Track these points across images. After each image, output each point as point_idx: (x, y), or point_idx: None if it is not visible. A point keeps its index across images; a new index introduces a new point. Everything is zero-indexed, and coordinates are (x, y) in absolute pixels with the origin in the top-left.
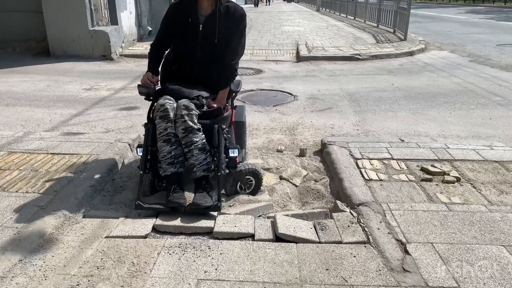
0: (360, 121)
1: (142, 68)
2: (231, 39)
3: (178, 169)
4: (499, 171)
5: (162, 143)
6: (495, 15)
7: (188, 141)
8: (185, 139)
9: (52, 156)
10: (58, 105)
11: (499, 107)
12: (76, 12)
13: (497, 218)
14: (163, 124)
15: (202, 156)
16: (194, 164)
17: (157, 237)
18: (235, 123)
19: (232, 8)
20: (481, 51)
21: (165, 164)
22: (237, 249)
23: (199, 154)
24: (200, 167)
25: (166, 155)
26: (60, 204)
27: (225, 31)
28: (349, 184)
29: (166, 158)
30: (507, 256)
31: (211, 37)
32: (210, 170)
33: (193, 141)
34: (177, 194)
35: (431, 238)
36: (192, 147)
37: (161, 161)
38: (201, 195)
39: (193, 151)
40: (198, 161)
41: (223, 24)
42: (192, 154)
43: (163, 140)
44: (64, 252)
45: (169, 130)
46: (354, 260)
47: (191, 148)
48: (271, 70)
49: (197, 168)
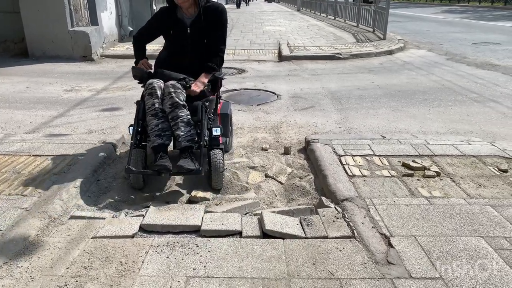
0: (342, 119)
1: (124, 69)
2: (217, 32)
3: (164, 141)
4: (476, 165)
5: (150, 117)
6: (470, 15)
7: (175, 115)
8: (172, 114)
9: (34, 158)
10: (39, 107)
11: (476, 103)
12: (55, 12)
13: (476, 211)
14: (151, 100)
15: (187, 129)
16: (180, 135)
17: (144, 236)
18: (221, 115)
19: (212, 7)
20: (457, 50)
21: (153, 136)
22: (225, 246)
23: (184, 127)
24: (184, 137)
25: (153, 127)
26: (45, 206)
27: (211, 29)
28: (333, 181)
29: (153, 130)
30: (485, 247)
31: (199, 37)
32: (194, 141)
33: (179, 115)
34: (163, 160)
35: (413, 231)
36: (178, 121)
37: (149, 134)
38: (185, 160)
39: (178, 124)
40: (183, 132)
41: (208, 23)
42: (178, 127)
43: (151, 114)
44: (51, 254)
45: (157, 105)
46: (340, 254)
47: (177, 121)
48: (254, 70)
49: (182, 138)
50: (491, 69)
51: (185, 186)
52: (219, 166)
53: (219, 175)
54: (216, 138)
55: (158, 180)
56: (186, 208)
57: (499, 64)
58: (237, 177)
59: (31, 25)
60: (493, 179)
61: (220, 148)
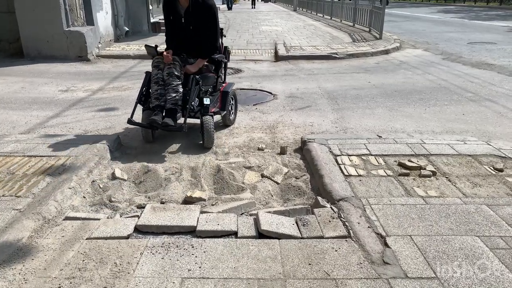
0: (338, 119)
1: (120, 69)
2: (207, 25)
3: (160, 103)
4: (472, 164)
5: (153, 84)
6: (465, 14)
7: (168, 83)
8: (167, 81)
9: (29, 158)
10: (34, 107)
11: (471, 103)
12: (51, 12)
13: (471, 210)
14: (155, 71)
15: (173, 95)
16: (167, 99)
17: (139, 237)
18: (223, 92)
19: (200, 1)
20: (453, 49)
21: (153, 98)
22: (221, 246)
23: (172, 93)
24: (170, 101)
25: (154, 92)
26: (39, 207)
27: (198, 20)
28: (329, 180)
29: (154, 94)
30: (481, 246)
31: (191, 25)
32: (177, 105)
33: (171, 83)
34: (156, 116)
35: (409, 231)
36: (169, 87)
37: (151, 96)
38: (168, 119)
39: (169, 90)
40: (169, 97)
41: (196, 15)
42: (168, 92)
43: (154, 81)
44: (44, 255)
45: (159, 75)
46: (335, 254)
47: (168, 88)
48: (250, 70)
49: (168, 101)
50: (487, 69)
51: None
52: (210, 128)
53: (210, 135)
54: (206, 107)
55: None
56: (182, 209)
57: (494, 63)
58: (233, 177)
59: (26, 25)
60: (489, 178)
61: (210, 114)
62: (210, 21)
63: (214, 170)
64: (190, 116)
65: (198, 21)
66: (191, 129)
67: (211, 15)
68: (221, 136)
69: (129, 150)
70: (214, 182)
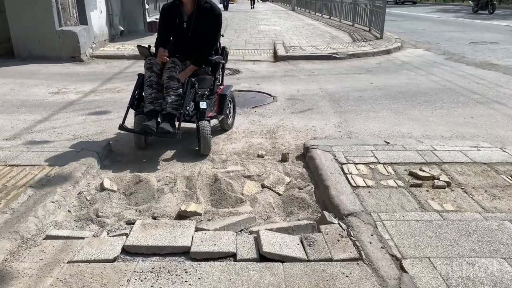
0: (342, 122)
1: (114, 70)
2: (208, 33)
3: (155, 107)
4: (488, 173)
5: (147, 87)
6: (464, 14)
7: (168, 86)
8: (167, 84)
9: (10, 168)
10: (22, 111)
11: (479, 105)
12: (42, 11)
13: (493, 227)
14: (148, 73)
15: (175, 98)
16: (168, 102)
17: (127, 260)
18: (220, 95)
19: (208, 8)
20: (455, 49)
21: (147, 103)
22: (217, 272)
23: (173, 96)
24: (170, 105)
25: (148, 96)
26: (17, 224)
27: (201, 27)
28: (336, 192)
29: (148, 98)
30: (509, 271)
31: (192, 31)
32: (177, 111)
33: (171, 86)
34: (151, 122)
35: (427, 252)
36: (169, 90)
37: (145, 101)
38: (165, 124)
39: (169, 92)
40: (170, 100)
41: (199, 21)
42: (168, 95)
43: (147, 85)
44: (19, 283)
45: (152, 78)
46: (347, 280)
47: (169, 91)
48: (249, 70)
49: (168, 105)
50: (492, 69)
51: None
52: (206, 134)
53: (207, 142)
54: (203, 111)
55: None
56: (175, 225)
57: (499, 63)
58: (231, 187)
59: (17, 25)
60: (508, 190)
61: (206, 119)
62: (213, 29)
63: (211, 180)
64: (185, 120)
65: (200, 27)
66: (187, 133)
67: (215, 24)
68: (218, 141)
69: (120, 157)
70: (210, 193)
